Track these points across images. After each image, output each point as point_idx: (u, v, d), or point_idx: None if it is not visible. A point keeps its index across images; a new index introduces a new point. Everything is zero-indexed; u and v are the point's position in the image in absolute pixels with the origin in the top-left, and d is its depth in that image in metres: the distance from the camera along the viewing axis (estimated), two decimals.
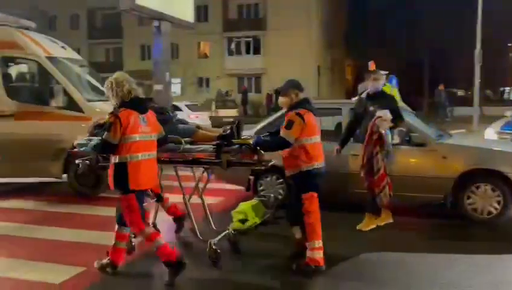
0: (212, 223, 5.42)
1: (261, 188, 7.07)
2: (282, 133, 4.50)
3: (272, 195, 7.01)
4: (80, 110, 7.80)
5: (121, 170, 4.21)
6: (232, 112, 25.97)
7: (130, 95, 4.27)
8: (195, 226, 5.05)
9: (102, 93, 9.03)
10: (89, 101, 8.01)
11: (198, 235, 5.02)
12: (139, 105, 4.31)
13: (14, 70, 8.51)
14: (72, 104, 7.82)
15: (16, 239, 5.72)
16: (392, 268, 4.79)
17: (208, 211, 5.42)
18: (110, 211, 6.45)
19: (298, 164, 4.55)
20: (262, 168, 4.78)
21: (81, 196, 7.82)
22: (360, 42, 42.28)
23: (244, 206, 6.05)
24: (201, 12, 35.78)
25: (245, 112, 30.35)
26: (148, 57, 37.51)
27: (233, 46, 38.28)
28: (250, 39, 37.96)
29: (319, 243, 4.56)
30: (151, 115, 4.45)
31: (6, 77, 8.11)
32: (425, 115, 22.44)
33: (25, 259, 4.97)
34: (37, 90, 8.22)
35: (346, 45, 45.78)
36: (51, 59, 8.11)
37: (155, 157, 4.44)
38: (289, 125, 4.46)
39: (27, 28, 8.91)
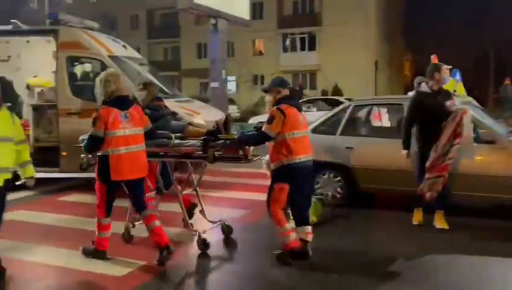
0: (206, 214, 5.55)
1: (318, 185, 6.94)
2: (264, 127, 4.64)
3: (330, 193, 6.89)
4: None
5: (104, 162, 4.60)
6: None
7: (112, 95, 4.62)
8: (187, 217, 5.26)
9: (162, 91, 9.23)
10: None
11: (190, 226, 5.23)
12: (119, 102, 4.62)
13: (78, 70, 8.84)
14: None
15: (80, 232, 5.92)
16: (459, 272, 4.55)
17: (202, 203, 5.54)
18: (173, 207, 6.58)
19: (280, 158, 4.65)
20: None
21: None
22: (419, 37, 40.92)
23: None
24: (257, 9, 35.88)
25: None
26: (204, 55, 38.10)
27: (288, 42, 38.10)
28: (305, 35, 37.64)
29: (286, 228, 4.68)
30: (134, 111, 4.71)
31: (72, 76, 8.44)
32: (491, 110, 21.36)
33: None
34: None
35: (405, 40, 44.46)
36: (113, 58, 8.36)
37: (141, 150, 4.72)
38: (270, 120, 4.60)
39: (91, 29, 9.24)
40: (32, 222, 6.45)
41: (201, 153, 4.88)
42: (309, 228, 4.76)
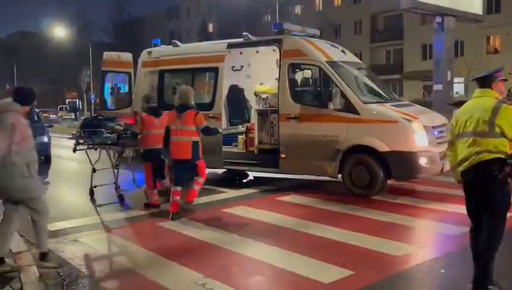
0: (119, 187, 8.04)
1: None
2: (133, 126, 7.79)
3: None
4: (356, 112, 7.88)
5: None
6: None
7: None
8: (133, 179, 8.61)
9: (379, 95, 8.97)
10: (365, 103, 8.01)
11: (135, 184, 8.60)
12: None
13: (298, 76, 9.21)
14: (348, 107, 7.95)
15: (292, 233, 6.11)
16: None
17: (117, 177, 8.04)
18: (383, 215, 6.31)
19: (141, 146, 7.70)
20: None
21: (356, 196, 7.85)
22: None
23: None
24: (492, 3, 32.25)
25: None
26: (429, 56, 36.00)
27: None
28: None
29: (152, 191, 7.63)
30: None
31: (292, 82, 8.83)
32: None
33: (299, 253, 5.21)
34: (317, 94, 8.67)
35: None
36: (331, 63, 8.45)
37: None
38: (135, 123, 7.78)
39: (312, 36, 9.54)
40: (249, 217, 6.88)
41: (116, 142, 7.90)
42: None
